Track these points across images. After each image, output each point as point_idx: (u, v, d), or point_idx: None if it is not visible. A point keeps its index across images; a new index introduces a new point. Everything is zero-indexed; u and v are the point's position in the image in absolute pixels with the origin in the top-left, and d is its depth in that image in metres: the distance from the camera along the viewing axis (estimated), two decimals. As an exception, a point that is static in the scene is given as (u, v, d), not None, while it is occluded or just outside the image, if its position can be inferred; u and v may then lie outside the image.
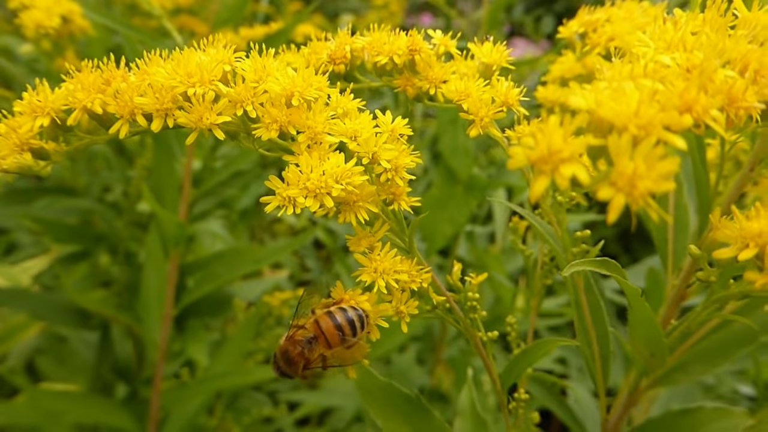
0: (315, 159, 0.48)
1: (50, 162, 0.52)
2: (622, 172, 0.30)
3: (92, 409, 1.46)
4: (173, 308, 1.51)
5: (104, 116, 0.50)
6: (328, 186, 0.47)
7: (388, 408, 0.77)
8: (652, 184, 0.30)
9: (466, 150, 1.78)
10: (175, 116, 0.48)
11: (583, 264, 0.51)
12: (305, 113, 0.50)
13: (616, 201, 0.31)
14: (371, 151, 0.50)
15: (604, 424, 0.71)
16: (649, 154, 0.30)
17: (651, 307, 0.59)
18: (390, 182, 0.53)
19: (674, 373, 0.68)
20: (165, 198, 1.42)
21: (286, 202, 0.48)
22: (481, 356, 0.68)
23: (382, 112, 0.55)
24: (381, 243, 0.54)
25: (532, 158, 0.32)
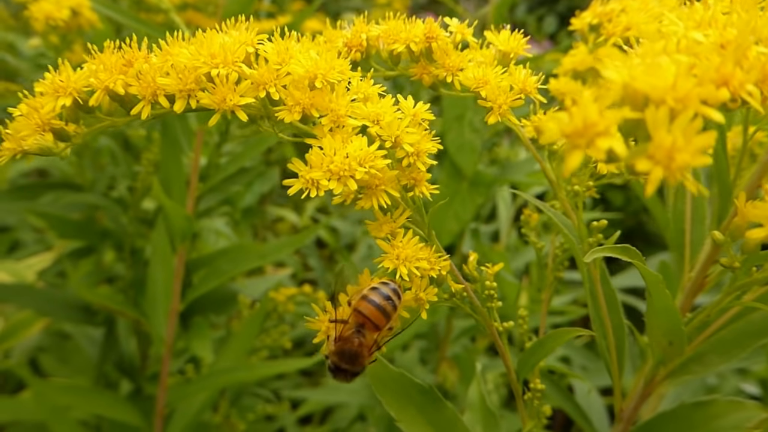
0: (338, 142, 0.48)
1: (70, 144, 0.52)
2: (660, 145, 0.30)
3: (98, 403, 1.45)
4: (180, 304, 1.50)
5: (126, 97, 0.50)
6: (352, 169, 0.47)
7: (401, 398, 0.77)
8: (689, 157, 0.30)
9: (472, 146, 1.78)
10: (198, 97, 0.48)
11: (603, 251, 0.51)
12: (328, 96, 0.50)
13: (654, 174, 0.30)
14: (394, 134, 0.50)
15: (619, 414, 0.71)
16: (687, 128, 0.30)
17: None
18: (412, 167, 0.52)
19: (691, 364, 0.67)
20: (172, 192, 1.42)
21: (309, 184, 0.47)
22: (498, 346, 0.68)
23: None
24: (403, 230, 0.54)
25: (566, 131, 0.32)
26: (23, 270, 1.91)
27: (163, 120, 1.41)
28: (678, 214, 0.68)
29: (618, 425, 0.72)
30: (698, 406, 0.78)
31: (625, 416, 0.71)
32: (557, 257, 0.87)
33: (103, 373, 1.64)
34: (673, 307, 0.54)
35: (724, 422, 0.78)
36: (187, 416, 1.52)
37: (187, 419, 1.52)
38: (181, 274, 1.51)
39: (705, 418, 0.78)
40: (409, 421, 0.75)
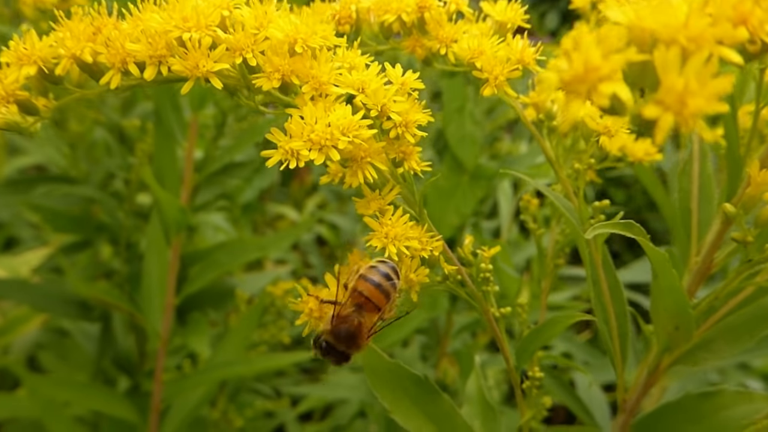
0: (320, 110, 0.45)
1: (39, 119, 0.49)
2: (670, 89, 0.27)
3: (94, 399, 1.43)
4: (175, 298, 1.48)
5: (95, 67, 0.47)
6: (334, 138, 0.44)
7: (396, 390, 0.74)
8: (704, 102, 0.26)
9: (473, 139, 1.75)
10: (170, 63, 0.45)
11: (606, 226, 0.48)
12: (309, 62, 0.47)
13: (663, 120, 0.27)
14: (380, 103, 0.47)
15: (622, 404, 0.68)
16: (701, 71, 0.27)
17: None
18: (400, 139, 0.49)
19: (697, 351, 0.64)
20: (166, 183, 1.39)
21: (288, 155, 0.44)
22: (494, 332, 0.65)
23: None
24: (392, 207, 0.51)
25: (566, 78, 0.29)
26: (19, 265, 1.90)
27: (157, 110, 1.39)
28: (684, 193, 0.65)
29: (621, 416, 0.69)
30: (705, 397, 0.75)
31: (628, 406, 0.68)
32: (558, 243, 0.84)
33: (101, 369, 1.62)
34: (679, 288, 0.51)
35: (731, 413, 0.75)
36: (183, 412, 1.50)
37: (183, 415, 1.49)
38: (176, 267, 1.48)
39: (712, 409, 0.75)
40: (403, 412, 0.72)
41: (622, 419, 0.68)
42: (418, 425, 0.72)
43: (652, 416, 0.73)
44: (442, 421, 0.74)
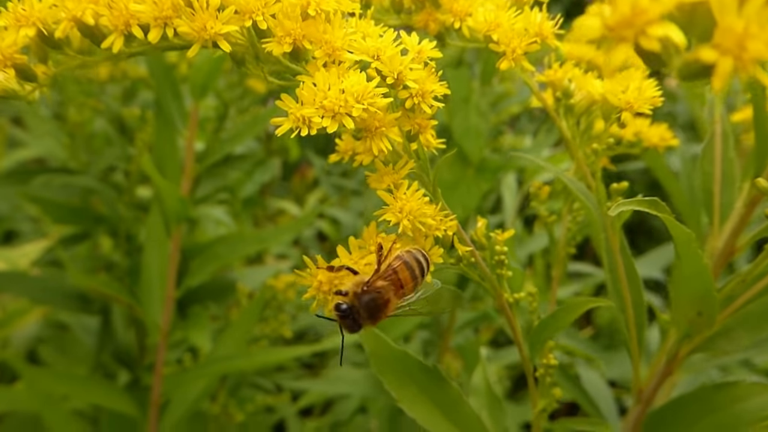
0: (333, 76, 0.43)
1: (37, 86, 0.47)
2: (728, 30, 0.25)
3: (94, 392, 1.41)
4: (175, 290, 1.46)
5: (96, 31, 0.44)
6: (348, 105, 0.42)
7: (403, 378, 0.72)
8: (764, 47, 0.24)
9: (478, 131, 1.73)
10: (176, 25, 0.43)
11: (630, 203, 0.46)
12: (323, 26, 0.44)
13: (722, 65, 0.25)
14: (396, 70, 0.45)
15: (638, 394, 0.65)
16: (760, 12, 0.25)
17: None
18: (416, 109, 0.47)
19: (717, 339, 0.62)
20: (167, 173, 1.37)
21: (300, 122, 0.42)
22: (507, 317, 0.63)
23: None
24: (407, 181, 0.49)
25: (610, 23, 0.27)
26: (18, 258, 1.88)
27: (157, 99, 1.37)
28: (706, 176, 0.63)
29: (636, 407, 0.66)
30: (720, 388, 0.73)
31: (644, 397, 0.66)
32: (570, 231, 0.82)
33: (101, 363, 1.60)
34: (705, 270, 0.49)
35: (747, 405, 0.73)
36: (183, 406, 1.48)
37: (183, 409, 1.47)
38: (177, 259, 1.46)
39: (727, 401, 0.73)
40: (411, 400, 0.70)
41: (637, 410, 0.66)
42: (425, 413, 0.70)
43: (667, 407, 0.71)
44: (450, 409, 0.72)
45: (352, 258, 0.49)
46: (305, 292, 0.52)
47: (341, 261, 0.49)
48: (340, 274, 0.49)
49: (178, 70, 1.33)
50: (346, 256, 0.49)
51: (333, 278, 0.47)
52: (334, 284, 0.47)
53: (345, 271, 0.50)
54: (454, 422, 0.72)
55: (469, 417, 0.72)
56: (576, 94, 0.59)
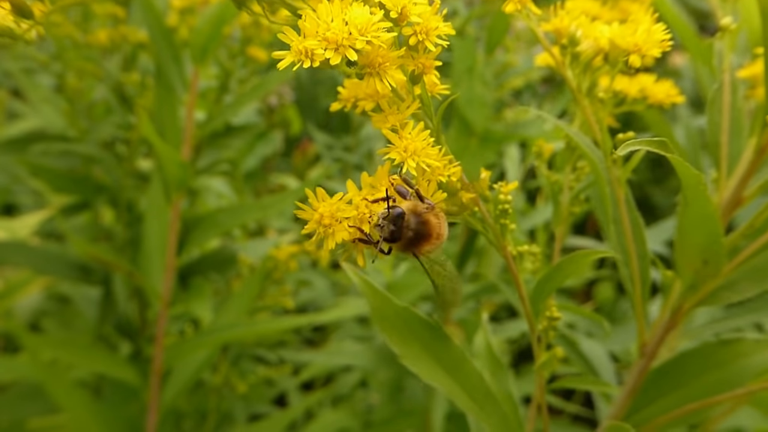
0: (336, 8, 0.42)
1: (34, 24, 0.46)
2: None
3: (96, 361, 1.41)
4: (176, 259, 1.45)
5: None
6: (352, 38, 0.41)
7: (405, 334, 0.71)
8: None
9: (483, 101, 1.72)
10: (175, -47, 0.41)
11: (641, 143, 0.45)
12: (325, -42, 0.43)
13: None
14: (400, 4, 0.44)
15: (642, 348, 0.65)
16: None
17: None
18: (420, 48, 0.46)
19: (722, 291, 0.62)
20: (167, 140, 1.36)
21: (302, 56, 0.41)
22: (511, 270, 0.62)
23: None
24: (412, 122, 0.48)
25: None
26: (19, 228, 1.87)
27: (157, 64, 1.35)
28: (714, 126, 0.62)
29: (640, 360, 0.66)
30: (724, 345, 0.73)
31: (648, 351, 0.65)
32: (572, 190, 0.81)
33: (103, 335, 1.60)
34: (712, 215, 0.48)
35: (750, 361, 0.73)
36: (184, 375, 1.48)
37: (184, 378, 1.48)
38: (177, 228, 1.46)
39: (731, 357, 0.73)
40: (413, 357, 0.70)
41: (641, 364, 0.66)
42: (428, 370, 0.70)
43: (671, 363, 0.70)
44: (453, 367, 0.72)
45: (361, 194, 0.48)
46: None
47: (350, 195, 0.48)
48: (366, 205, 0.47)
49: (178, 34, 1.31)
50: (355, 191, 0.48)
51: (335, 210, 0.46)
52: (336, 216, 0.46)
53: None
54: (457, 380, 0.72)
55: (472, 375, 0.72)
56: (582, 41, 0.58)
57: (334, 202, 0.49)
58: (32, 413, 1.55)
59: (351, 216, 0.46)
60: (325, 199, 0.49)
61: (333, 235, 0.48)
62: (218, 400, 1.70)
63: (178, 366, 1.46)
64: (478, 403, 0.71)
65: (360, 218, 0.46)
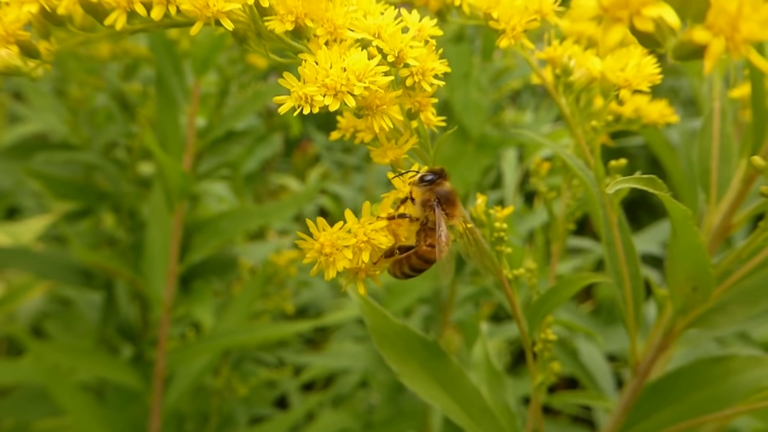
0: (335, 55, 0.43)
1: (40, 63, 0.47)
2: (722, 11, 0.25)
3: (98, 365, 1.43)
4: (178, 265, 1.47)
5: (99, 7, 0.45)
6: (350, 84, 0.42)
7: (404, 352, 0.73)
8: (757, 27, 0.25)
9: (479, 107, 1.73)
10: (178, 3, 0.43)
11: (628, 181, 0.47)
12: (324, 4, 0.45)
13: (714, 46, 0.25)
14: (397, 48, 0.45)
15: (635, 367, 0.67)
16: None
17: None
18: (416, 87, 0.48)
19: (712, 314, 0.63)
20: (169, 149, 1.38)
21: (302, 101, 0.43)
22: (507, 294, 0.64)
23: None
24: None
25: (606, 3, 0.27)
26: (22, 233, 1.89)
27: (158, 75, 1.36)
28: (704, 152, 0.63)
29: (633, 379, 0.68)
30: (716, 362, 0.75)
31: (641, 370, 0.67)
32: (569, 207, 0.82)
33: (105, 338, 1.61)
34: (701, 246, 0.50)
35: (742, 378, 0.74)
36: (187, 379, 1.50)
37: (187, 382, 1.49)
38: (179, 234, 1.47)
39: (723, 374, 0.74)
40: (411, 375, 0.71)
41: (634, 383, 0.67)
42: (426, 388, 0.71)
43: (663, 380, 0.72)
44: (450, 384, 0.74)
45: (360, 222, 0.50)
46: (307, 268, 0.53)
47: (349, 224, 0.49)
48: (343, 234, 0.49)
49: (179, 46, 1.32)
50: (354, 220, 0.50)
51: (335, 239, 0.47)
52: (336, 245, 0.47)
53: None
54: (453, 397, 0.73)
55: (468, 391, 0.74)
56: (575, 71, 0.60)
57: (335, 231, 0.50)
58: (36, 416, 1.57)
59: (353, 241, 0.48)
60: (325, 229, 0.51)
61: (334, 263, 0.50)
62: (220, 402, 1.72)
63: (180, 370, 1.48)
64: (474, 419, 0.72)
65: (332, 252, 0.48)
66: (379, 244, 0.47)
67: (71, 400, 1.34)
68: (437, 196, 0.51)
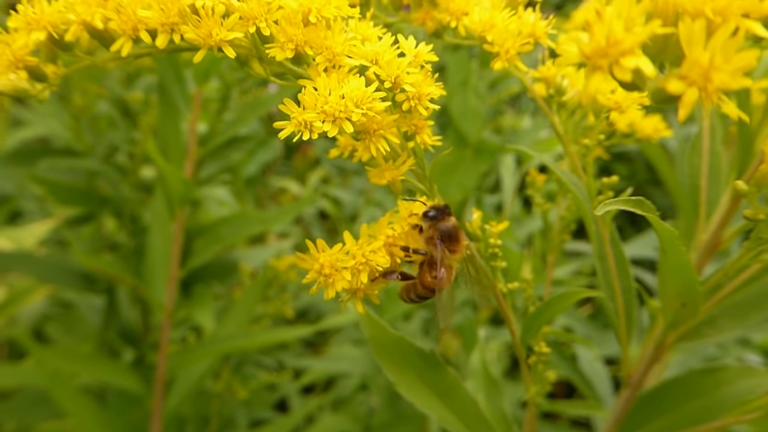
0: (334, 82, 0.45)
1: (47, 86, 0.48)
2: (695, 63, 0.26)
3: (99, 370, 1.44)
4: (179, 270, 1.48)
5: (105, 34, 0.46)
6: (348, 110, 0.44)
7: (401, 363, 0.74)
8: (728, 77, 0.26)
9: (476, 113, 1.74)
10: (182, 31, 0.44)
11: (617, 203, 0.48)
12: (323, 32, 0.46)
13: (688, 96, 0.27)
14: (394, 74, 0.47)
15: (627, 379, 0.68)
16: (726, 44, 0.26)
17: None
18: (412, 111, 0.49)
19: (703, 327, 0.65)
20: (170, 156, 1.39)
21: (302, 127, 0.44)
22: (501, 307, 0.65)
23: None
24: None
25: (587, 51, 0.28)
26: (24, 238, 1.90)
27: (160, 83, 1.38)
28: (694, 169, 0.65)
29: (625, 391, 0.69)
30: (707, 373, 0.76)
31: (633, 381, 0.68)
32: (564, 219, 0.84)
33: (107, 341, 1.63)
34: (688, 265, 0.51)
35: (733, 388, 0.75)
36: (187, 383, 1.51)
37: (187, 386, 1.51)
38: (180, 240, 1.48)
39: (714, 385, 0.75)
40: (408, 385, 0.73)
41: (626, 394, 0.69)
42: (423, 398, 0.73)
43: (656, 391, 0.73)
44: (446, 394, 0.75)
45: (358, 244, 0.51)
46: (306, 272, 0.54)
47: (348, 246, 0.51)
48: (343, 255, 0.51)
49: (181, 55, 1.34)
50: (352, 242, 0.51)
51: (334, 261, 0.49)
52: (335, 266, 0.49)
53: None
54: (450, 407, 0.74)
55: (465, 401, 0.75)
56: (568, 90, 0.61)
57: (334, 253, 0.52)
58: (38, 419, 1.58)
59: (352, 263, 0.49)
60: (325, 250, 0.52)
61: (333, 284, 0.51)
62: (220, 405, 1.74)
63: (181, 374, 1.49)
64: (471, 428, 0.74)
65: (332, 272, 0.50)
66: (377, 266, 0.49)
67: (73, 404, 1.35)
68: (440, 233, 0.53)
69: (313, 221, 2.66)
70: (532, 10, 0.57)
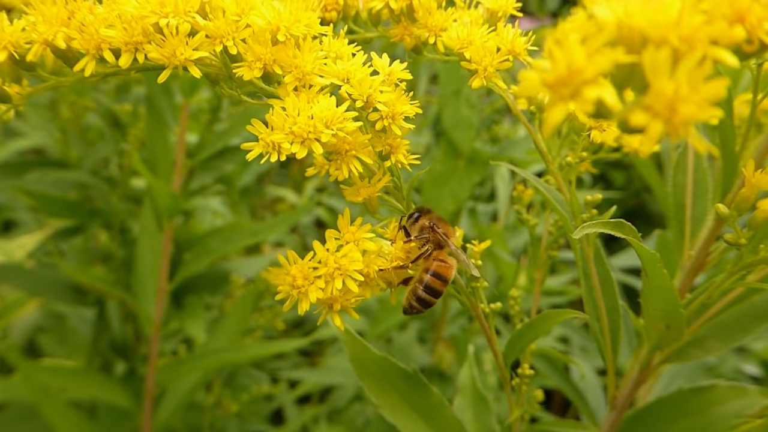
0: (303, 102, 0.43)
1: (12, 106, 0.47)
2: (660, 93, 0.25)
3: (88, 385, 1.43)
4: (168, 283, 1.47)
5: (69, 53, 0.45)
6: (317, 131, 0.42)
7: (384, 383, 0.73)
8: (696, 108, 0.24)
9: (469, 123, 1.73)
10: (146, 51, 0.43)
11: (596, 226, 0.47)
12: (292, 51, 0.45)
13: (652, 129, 0.25)
14: (365, 93, 0.45)
15: (613, 401, 0.67)
16: (693, 74, 0.25)
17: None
18: (387, 131, 0.48)
19: (689, 348, 0.63)
20: (158, 169, 1.38)
21: (269, 148, 0.43)
22: (483, 328, 0.64)
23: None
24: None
25: (548, 81, 0.27)
26: (14, 249, 1.89)
27: (148, 96, 1.37)
28: (678, 188, 0.63)
29: (612, 412, 0.68)
30: (696, 392, 0.74)
31: (618, 403, 0.67)
32: (551, 235, 0.82)
33: (99, 353, 1.61)
34: (671, 288, 0.50)
35: (723, 409, 0.74)
36: (177, 397, 1.50)
37: (177, 400, 1.49)
38: (169, 252, 1.47)
39: (703, 405, 0.74)
40: (391, 407, 0.71)
41: (612, 416, 0.67)
42: (406, 420, 0.71)
43: (643, 411, 0.72)
44: (431, 415, 0.73)
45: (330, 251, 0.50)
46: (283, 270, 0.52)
47: (319, 255, 0.49)
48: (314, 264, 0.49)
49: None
50: (322, 250, 0.50)
51: (306, 271, 0.47)
52: (308, 277, 0.47)
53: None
54: (434, 428, 0.73)
55: (449, 422, 0.74)
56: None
57: (305, 263, 0.50)
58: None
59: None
60: (296, 261, 0.50)
61: (306, 295, 0.49)
62: (212, 418, 1.72)
63: (171, 388, 1.47)
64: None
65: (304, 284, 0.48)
66: (351, 272, 0.47)
67: (62, 419, 1.34)
68: (430, 221, 0.53)
69: (308, 230, 2.64)
70: (511, 25, 0.56)
